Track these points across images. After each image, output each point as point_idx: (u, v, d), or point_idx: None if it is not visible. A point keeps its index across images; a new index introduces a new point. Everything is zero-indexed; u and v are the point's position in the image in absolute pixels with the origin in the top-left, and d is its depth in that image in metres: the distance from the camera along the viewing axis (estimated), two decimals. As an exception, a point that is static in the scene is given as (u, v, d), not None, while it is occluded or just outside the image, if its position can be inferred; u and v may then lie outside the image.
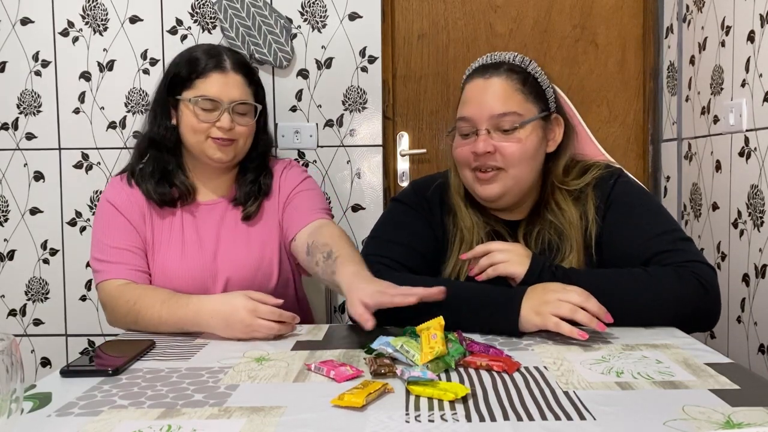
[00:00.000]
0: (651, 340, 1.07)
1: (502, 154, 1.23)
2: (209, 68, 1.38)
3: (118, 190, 1.43)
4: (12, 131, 2.18)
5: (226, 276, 1.40)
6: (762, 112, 1.69)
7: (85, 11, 2.15)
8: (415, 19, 2.25)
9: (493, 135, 1.23)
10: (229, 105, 1.37)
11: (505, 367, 0.92)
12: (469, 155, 1.25)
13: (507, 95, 1.23)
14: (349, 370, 0.91)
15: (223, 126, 1.37)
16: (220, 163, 1.41)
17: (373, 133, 2.17)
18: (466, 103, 1.26)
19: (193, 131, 1.39)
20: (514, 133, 1.23)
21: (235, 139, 1.40)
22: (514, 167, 1.23)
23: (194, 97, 1.37)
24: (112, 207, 1.41)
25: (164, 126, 1.43)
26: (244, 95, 1.40)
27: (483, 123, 1.23)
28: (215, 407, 0.81)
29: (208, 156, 1.40)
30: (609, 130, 2.25)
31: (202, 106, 1.37)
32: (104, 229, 1.40)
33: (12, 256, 2.21)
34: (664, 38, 2.22)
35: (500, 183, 1.24)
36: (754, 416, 0.74)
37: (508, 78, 1.25)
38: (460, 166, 1.30)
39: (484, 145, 1.22)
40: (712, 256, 1.95)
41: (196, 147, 1.40)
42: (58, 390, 0.89)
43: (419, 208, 1.35)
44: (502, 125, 1.22)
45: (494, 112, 1.22)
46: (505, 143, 1.23)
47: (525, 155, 1.23)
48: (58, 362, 2.21)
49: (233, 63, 1.41)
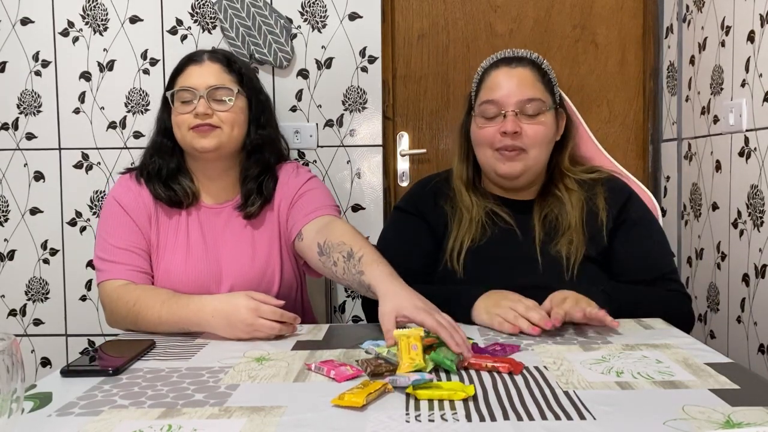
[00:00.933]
0: (651, 340, 1.07)
1: (527, 135, 1.33)
2: (187, 64, 1.42)
3: (125, 188, 1.43)
4: (12, 131, 2.18)
5: (230, 280, 1.39)
6: (762, 112, 1.69)
7: (85, 11, 2.15)
8: (415, 19, 2.25)
9: (520, 117, 1.33)
10: (205, 91, 1.37)
11: (511, 368, 0.92)
12: (493, 135, 1.34)
13: (532, 83, 1.35)
14: (349, 370, 0.91)
15: (198, 111, 1.36)
16: (206, 152, 1.38)
17: (373, 133, 2.17)
18: (493, 88, 1.36)
19: (177, 125, 1.40)
20: (538, 117, 1.34)
21: (218, 126, 1.38)
22: (534, 148, 1.34)
23: (174, 92, 1.40)
24: (118, 206, 1.40)
25: (163, 130, 1.45)
26: (221, 81, 1.40)
27: (511, 106, 1.33)
28: (216, 407, 0.81)
29: (194, 147, 1.38)
30: (609, 130, 2.25)
31: (180, 98, 1.39)
32: (108, 228, 1.40)
33: (12, 256, 2.21)
34: (664, 38, 2.22)
35: (521, 163, 1.34)
36: (754, 416, 0.75)
37: (532, 69, 1.37)
38: (482, 147, 1.37)
39: (512, 125, 1.31)
40: (712, 256, 1.95)
41: (183, 142, 1.40)
42: (59, 390, 0.89)
43: (415, 211, 1.45)
44: (528, 110, 1.33)
45: (522, 97, 1.33)
46: (529, 125, 1.33)
47: (545, 138, 1.35)
48: (58, 362, 2.21)
49: (210, 54, 1.43)
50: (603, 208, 1.36)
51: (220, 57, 1.44)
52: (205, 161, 1.43)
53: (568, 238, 1.33)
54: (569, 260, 1.30)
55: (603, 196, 1.38)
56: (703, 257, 2.01)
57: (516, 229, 1.36)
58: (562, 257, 1.31)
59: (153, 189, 1.41)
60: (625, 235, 1.36)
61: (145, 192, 1.42)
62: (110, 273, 1.35)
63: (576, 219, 1.35)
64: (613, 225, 1.36)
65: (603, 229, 1.35)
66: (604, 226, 1.35)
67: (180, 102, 1.39)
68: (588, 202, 1.37)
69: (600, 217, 1.36)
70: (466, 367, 0.95)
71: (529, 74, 1.36)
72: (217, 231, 1.43)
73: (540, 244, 1.33)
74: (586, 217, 1.36)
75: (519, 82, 1.34)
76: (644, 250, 1.36)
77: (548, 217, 1.37)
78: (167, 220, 1.42)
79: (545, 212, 1.37)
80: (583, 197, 1.38)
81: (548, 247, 1.33)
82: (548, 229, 1.36)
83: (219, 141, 1.38)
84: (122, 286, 1.32)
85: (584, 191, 1.39)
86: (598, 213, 1.36)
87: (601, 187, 1.39)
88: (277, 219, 1.45)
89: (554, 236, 1.34)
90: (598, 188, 1.39)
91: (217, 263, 1.40)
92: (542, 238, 1.34)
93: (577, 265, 1.30)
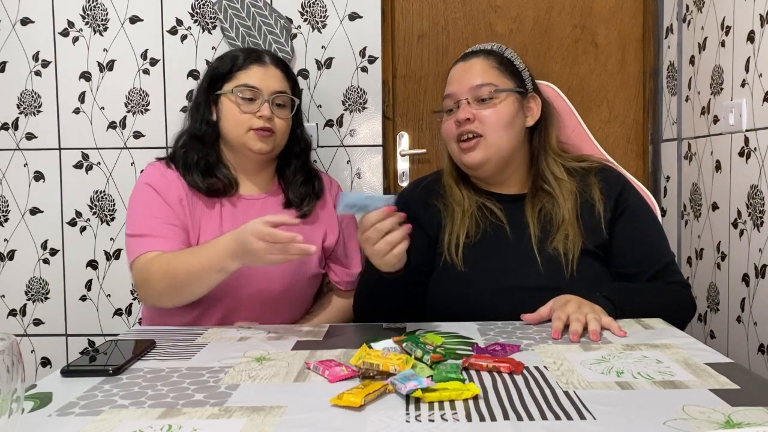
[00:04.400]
0: (651, 340, 1.07)
1: (480, 120, 1.35)
2: (250, 61, 1.45)
3: (156, 174, 1.44)
4: (12, 131, 2.18)
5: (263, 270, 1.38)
6: (762, 112, 1.69)
7: (85, 11, 2.15)
8: (415, 19, 2.25)
9: (473, 104, 1.36)
10: (270, 96, 1.42)
11: (512, 368, 0.92)
12: (452, 127, 1.37)
13: (484, 70, 1.38)
14: (343, 371, 0.91)
15: (264, 115, 1.41)
16: (261, 154, 1.44)
17: (373, 133, 2.17)
18: (450, 84, 1.41)
19: (236, 122, 1.42)
20: (491, 101, 1.35)
21: (275, 130, 1.43)
22: (492, 133, 1.35)
23: (236, 87, 1.42)
24: (149, 187, 1.41)
25: (205, 121, 1.46)
26: (283, 87, 1.46)
27: (463, 95, 1.37)
28: (216, 407, 0.81)
29: (249, 147, 1.43)
30: (609, 130, 2.25)
31: (243, 95, 1.42)
32: (138, 207, 1.40)
33: (12, 256, 2.21)
34: (664, 38, 2.22)
35: (481, 150, 1.35)
36: (754, 416, 0.75)
37: (485, 58, 1.40)
38: (448, 142, 1.41)
39: (464, 112, 1.35)
40: (712, 256, 1.95)
41: (237, 140, 1.43)
42: (59, 390, 0.89)
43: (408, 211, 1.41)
44: (480, 95, 1.35)
45: (472, 84, 1.36)
46: (482, 110, 1.35)
47: (501, 121, 1.35)
48: (58, 362, 2.21)
49: (272, 58, 1.48)
50: (599, 200, 1.36)
51: (279, 62, 1.49)
52: (247, 158, 1.46)
53: (564, 233, 1.32)
54: (567, 256, 1.30)
55: (598, 187, 1.37)
56: (703, 257, 2.01)
57: (506, 226, 1.36)
58: (560, 254, 1.30)
59: (191, 179, 1.42)
60: (624, 225, 1.35)
61: (176, 175, 1.43)
62: (142, 247, 1.34)
63: (569, 211, 1.34)
64: (612, 216, 1.35)
65: (601, 221, 1.34)
66: (602, 219, 1.34)
67: (242, 98, 1.41)
68: (582, 194, 1.36)
69: (597, 209, 1.35)
70: (466, 368, 0.94)
71: (481, 62, 1.39)
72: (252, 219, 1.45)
73: (537, 242, 1.33)
74: (580, 209, 1.35)
75: (470, 72, 1.37)
76: (645, 241, 1.36)
77: (542, 212, 1.36)
78: (202, 207, 1.44)
79: (538, 207, 1.37)
80: (575, 188, 1.37)
81: (545, 244, 1.32)
82: (543, 224, 1.35)
83: (274, 145, 1.45)
84: (156, 256, 1.31)
85: (576, 181, 1.38)
86: (594, 205, 1.35)
87: (594, 177, 1.39)
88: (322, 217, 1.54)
89: (550, 232, 1.33)
90: (591, 179, 1.38)
91: None
92: (538, 235, 1.33)
93: (575, 261, 1.29)
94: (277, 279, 1.43)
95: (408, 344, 0.98)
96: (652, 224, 1.40)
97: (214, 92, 1.46)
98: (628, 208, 1.37)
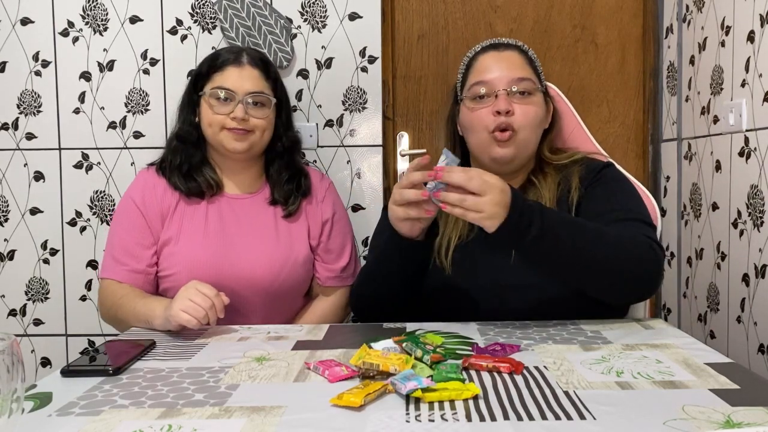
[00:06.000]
0: (651, 340, 1.07)
1: (519, 115, 1.30)
2: (226, 63, 1.46)
3: (143, 184, 1.49)
4: (12, 131, 2.18)
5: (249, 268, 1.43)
6: (762, 112, 1.69)
7: (85, 11, 2.15)
8: (415, 19, 2.25)
9: (511, 98, 1.31)
10: (244, 96, 1.43)
11: (512, 368, 0.92)
12: (488, 117, 1.30)
13: (522, 64, 1.35)
14: (343, 371, 0.91)
15: (236, 116, 1.42)
16: (237, 154, 1.46)
17: (373, 133, 2.17)
18: (483, 71, 1.34)
19: (209, 123, 1.46)
20: (529, 97, 1.32)
21: (251, 130, 1.44)
22: (525, 130, 1.31)
23: (211, 89, 1.44)
24: (132, 204, 1.47)
25: (188, 122, 1.50)
26: (259, 87, 1.46)
27: (503, 85, 1.31)
28: (216, 407, 0.81)
29: (225, 147, 1.45)
30: (609, 130, 2.25)
31: (216, 96, 1.43)
32: (117, 227, 1.48)
33: (12, 256, 2.21)
34: (664, 38, 2.22)
35: (514, 146, 1.31)
36: (754, 416, 0.75)
37: (520, 53, 1.37)
38: (475, 131, 1.33)
39: (505, 104, 1.29)
40: (712, 256, 1.95)
41: (213, 139, 1.47)
42: (59, 390, 0.89)
43: None
44: (521, 88, 1.31)
45: (514, 76, 1.31)
46: (522, 105, 1.31)
47: (536, 120, 1.33)
48: (58, 362, 2.21)
49: (250, 58, 1.48)
50: (576, 187, 1.30)
51: (259, 62, 1.49)
52: (229, 157, 1.49)
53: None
54: None
55: (578, 175, 1.33)
56: (703, 257, 2.01)
57: None
58: None
59: (172, 181, 1.47)
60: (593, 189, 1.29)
61: (164, 182, 1.48)
62: (111, 272, 1.43)
63: (548, 199, 1.30)
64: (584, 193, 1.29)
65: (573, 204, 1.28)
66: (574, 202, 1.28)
67: (214, 99, 1.43)
68: (563, 182, 1.33)
69: (572, 196, 1.30)
70: (466, 368, 0.95)
71: (518, 57, 1.36)
72: (237, 219, 1.48)
73: None
74: (559, 195, 1.31)
75: (509, 64, 1.34)
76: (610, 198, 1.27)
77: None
78: (188, 208, 1.47)
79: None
80: (559, 178, 1.34)
81: None
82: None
83: (250, 144, 1.46)
84: (114, 289, 1.41)
85: (560, 174, 1.36)
86: (571, 191, 1.31)
87: (578, 166, 1.35)
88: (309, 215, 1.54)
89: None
90: (575, 168, 1.35)
91: (235, 250, 1.44)
92: None
93: None
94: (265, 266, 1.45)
95: (408, 344, 0.98)
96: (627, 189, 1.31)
97: (197, 93, 1.49)
98: (601, 179, 1.31)
